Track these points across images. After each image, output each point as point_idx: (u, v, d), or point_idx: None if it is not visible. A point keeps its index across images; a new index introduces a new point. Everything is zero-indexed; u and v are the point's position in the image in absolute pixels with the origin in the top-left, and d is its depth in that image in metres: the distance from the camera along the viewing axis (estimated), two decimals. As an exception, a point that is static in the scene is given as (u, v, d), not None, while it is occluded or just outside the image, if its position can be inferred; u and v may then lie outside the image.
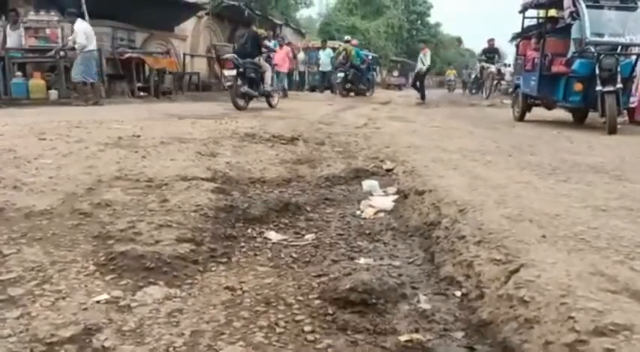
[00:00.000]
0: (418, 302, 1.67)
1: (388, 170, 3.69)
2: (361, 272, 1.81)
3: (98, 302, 1.52)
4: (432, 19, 41.73)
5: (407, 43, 37.67)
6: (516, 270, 1.60)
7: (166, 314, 1.49)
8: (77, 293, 1.57)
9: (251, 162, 3.66)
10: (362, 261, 2.07)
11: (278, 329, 1.46)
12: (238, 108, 7.71)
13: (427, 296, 1.72)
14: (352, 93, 13.79)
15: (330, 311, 1.57)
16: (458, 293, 1.72)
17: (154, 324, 1.43)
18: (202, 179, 2.94)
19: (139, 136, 4.33)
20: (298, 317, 1.53)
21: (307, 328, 1.47)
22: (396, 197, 3.05)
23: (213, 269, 1.88)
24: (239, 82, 7.60)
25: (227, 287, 1.70)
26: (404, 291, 1.72)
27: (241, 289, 1.70)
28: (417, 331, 1.48)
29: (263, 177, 3.30)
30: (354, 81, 13.61)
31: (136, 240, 1.95)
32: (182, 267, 1.80)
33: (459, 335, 1.46)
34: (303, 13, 32.91)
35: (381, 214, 2.78)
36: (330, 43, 18.80)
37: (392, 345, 1.40)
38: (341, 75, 13.60)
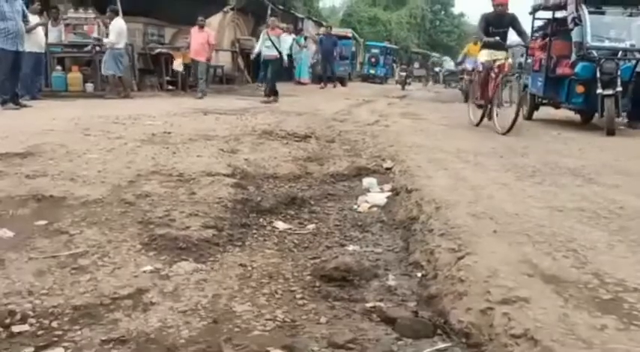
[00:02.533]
0: (387, 280, 2.15)
1: (387, 168, 4.13)
2: (345, 256, 2.30)
3: (145, 271, 2.05)
4: (455, 10, 41.37)
5: (429, 34, 37.53)
6: (462, 257, 2.06)
7: (195, 282, 2.00)
8: (129, 265, 2.10)
9: (266, 159, 4.16)
10: (350, 247, 2.55)
11: (277, 296, 1.96)
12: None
13: (395, 276, 2.20)
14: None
15: (317, 284, 2.07)
16: (419, 275, 2.19)
17: (186, 288, 1.94)
18: (224, 175, 3.45)
19: (169, 133, 4.88)
20: (293, 288, 2.03)
21: (298, 296, 1.97)
22: (389, 194, 3.51)
23: (230, 250, 2.39)
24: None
25: (240, 264, 2.21)
26: (377, 272, 2.21)
27: (251, 266, 2.20)
28: (381, 301, 1.96)
29: (276, 173, 3.80)
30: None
31: (171, 225, 2.47)
32: (207, 248, 2.32)
33: (412, 304, 1.94)
34: (326, 3, 33.18)
35: (375, 209, 3.25)
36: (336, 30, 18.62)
37: (360, 309, 1.89)
38: (403, 73, 18.55)
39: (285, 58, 10.17)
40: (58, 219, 2.52)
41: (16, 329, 1.60)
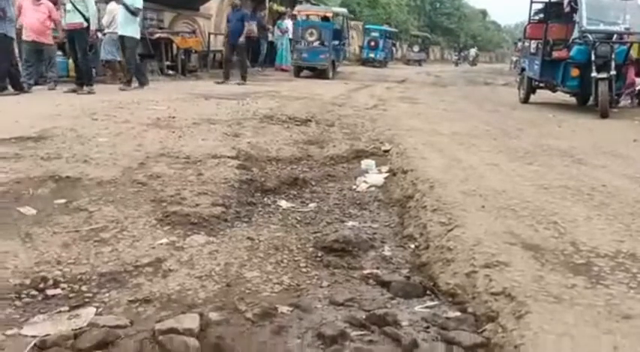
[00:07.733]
0: (383, 251, 2.34)
1: (385, 151, 4.30)
2: (345, 230, 2.49)
3: (161, 243, 2.23)
4: (456, -9, 41.01)
5: (429, 16, 37.31)
6: (451, 229, 2.25)
7: (208, 252, 2.19)
8: (146, 238, 2.28)
9: (269, 142, 4.33)
10: (350, 223, 2.74)
11: (282, 264, 2.14)
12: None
13: (390, 247, 2.39)
14: None
15: (319, 255, 2.25)
16: (412, 246, 2.38)
17: (200, 258, 2.12)
18: (228, 157, 3.62)
19: (174, 117, 5.03)
20: (297, 258, 2.22)
21: (302, 264, 2.16)
22: (387, 174, 3.69)
23: (238, 225, 2.58)
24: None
25: (248, 238, 2.39)
26: (374, 244, 2.40)
27: (258, 239, 2.38)
28: (377, 268, 2.16)
29: (278, 156, 3.97)
30: None
31: (183, 203, 2.66)
32: (216, 223, 2.51)
33: (405, 271, 2.13)
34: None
35: (373, 188, 3.43)
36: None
37: (358, 276, 2.08)
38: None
39: (93, 26, 7.27)
40: (75, 198, 2.70)
41: (50, 292, 1.79)
